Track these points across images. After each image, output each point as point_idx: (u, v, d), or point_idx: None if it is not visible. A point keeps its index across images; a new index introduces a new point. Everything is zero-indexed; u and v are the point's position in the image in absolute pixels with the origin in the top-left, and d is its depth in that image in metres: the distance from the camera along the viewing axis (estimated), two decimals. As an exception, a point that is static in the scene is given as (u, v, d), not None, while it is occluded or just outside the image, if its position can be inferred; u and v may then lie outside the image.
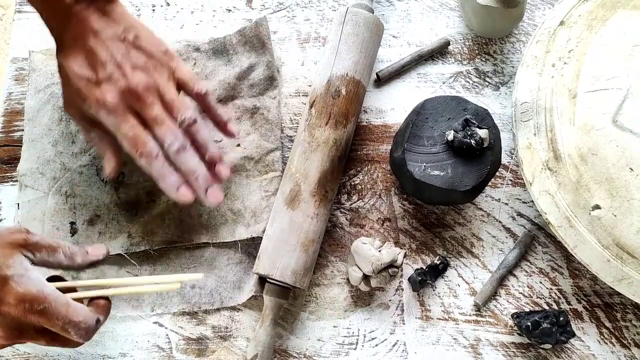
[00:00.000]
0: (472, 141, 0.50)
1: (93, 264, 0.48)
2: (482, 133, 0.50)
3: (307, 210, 0.51)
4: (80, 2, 0.45)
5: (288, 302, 0.52)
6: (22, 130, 0.58)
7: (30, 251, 0.42)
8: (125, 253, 0.54)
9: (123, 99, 0.45)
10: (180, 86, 0.49)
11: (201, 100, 0.50)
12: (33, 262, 0.42)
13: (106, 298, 0.46)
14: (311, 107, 0.54)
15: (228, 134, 0.52)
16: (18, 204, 0.55)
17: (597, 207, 0.49)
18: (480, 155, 0.51)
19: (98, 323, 0.43)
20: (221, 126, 0.52)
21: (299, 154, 0.53)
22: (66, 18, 0.46)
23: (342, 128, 0.54)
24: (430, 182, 0.50)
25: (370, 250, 0.51)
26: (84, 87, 0.45)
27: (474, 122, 0.51)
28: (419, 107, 0.53)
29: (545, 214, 0.51)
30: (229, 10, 0.63)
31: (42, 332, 0.42)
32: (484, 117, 0.52)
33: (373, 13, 0.57)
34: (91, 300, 0.45)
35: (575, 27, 0.54)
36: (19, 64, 0.61)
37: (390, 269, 0.51)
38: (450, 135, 0.50)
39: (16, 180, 0.57)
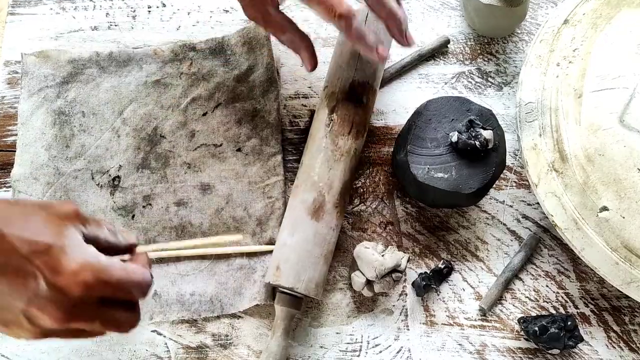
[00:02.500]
0: (477, 142, 0.49)
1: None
2: (487, 134, 0.49)
3: (330, 222, 0.50)
4: None
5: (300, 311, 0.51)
6: (16, 134, 0.56)
7: (82, 224, 0.39)
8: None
9: None
10: None
11: None
12: (84, 237, 0.40)
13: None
14: (332, 112, 0.52)
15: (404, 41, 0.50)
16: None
17: (604, 208, 0.48)
18: (484, 156, 0.50)
19: (152, 277, 0.40)
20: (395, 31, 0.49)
21: (322, 161, 0.51)
22: None
23: (361, 138, 0.53)
24: (434, 185, 0.49)
25: (374, 255, 0.50)
26: None
27: (478, 123, 0.50)
28: (422, 108, 0.52)
29: (552, 216, 0.50)
30: (226, 11, 0.62)
31: (100, 310, 0.37)
32: (488, 118, 0.51)
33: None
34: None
35: (580, 25, 0.53)
36: (11, 67, 0.59)
37: (393, 273, 0.50)
38: (454, 137, 0.49)
39: (10, 186, 0.55)
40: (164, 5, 0.62)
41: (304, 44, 0.52)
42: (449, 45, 0.60)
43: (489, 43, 0.61)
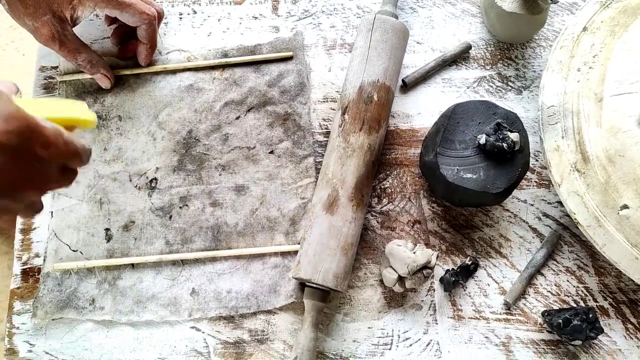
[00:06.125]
0: (504, 145, 0.51)
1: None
2: (514, 136, 0.51)
3: (345, 215, 0.52)
4: None
5: (327, 305, 0.53)
6: (54, 138, 0.58)
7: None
8: (162, 259, 0.54)
9: None
10: None
11: None
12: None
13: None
14: (344, 113, 0.55)
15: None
16: (52, 212, 0.56)
17: (625, 206, 0.50)
18: (511, 158, 0.52)
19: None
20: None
21: (335, 159, 0.54)
22: None
23: (375, 133, 0.55)
24: (463, 185, 0.51)
25: (406, 252, 0.52)
26: None
27: (505, 125, 0.52)
28: (450, 112, 0.54)
29: (574, 214, 0.52)
30: (256, 18, 0.64)
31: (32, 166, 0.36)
32: (513, 121, 0.53)
33: (397, 19, 0.59)
34: None
35: (598, 32, 0.56)
36: (47, 73, 0.61)
37: (424, 270, 0.52)
38: (482, 139, 0.52)
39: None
40: (195, 12, 0.64)
41: (102, 62, 0.58)
42: (470, 51, 0.63)
43: (508, 49, 0.63)
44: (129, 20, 0.56)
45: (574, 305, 0.56)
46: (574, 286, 0.56)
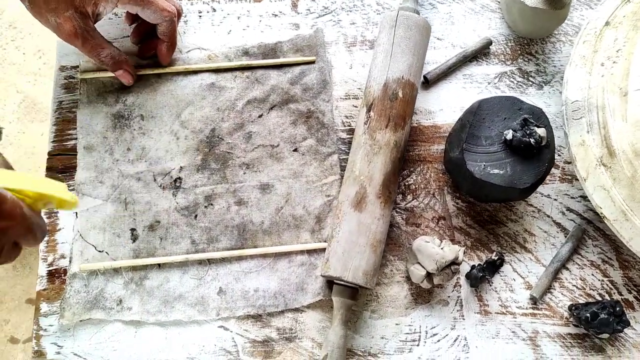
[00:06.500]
0: (532, 140, 0.51)
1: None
2: (541, 132, 0.51)
3: (374, 212, 0.52)
4: None
5: (356, 302, 0.53)
6: (76, 139, 0.58)
7: None
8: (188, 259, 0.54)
9: None
10: None
11: None
12: None
13: None
14: (369, 110, 0.55)
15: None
16: (76, 213, 0.55)
17: (652, 200, 0.51)
18: (537, 153, 0.52)
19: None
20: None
21: (362, 156, 0.54)
22: None
23: (401, 130, 0.55)
24: (491, 181, 0.52)
25: (434, 248, 0.52)
26: None
27: (532, 121, 0.52)
28: (475, 108, 0.54)
29: (600, 208, 0.53)
30: (275, 15, 0.64)
31: None
32: (539, 116, 0.53)
33: (419, 15, 0.59)
34: None
35: (621, 27, 0.56)
36: (67, 72, 0.60)
37: (452, 266, 0.52)
38: (509, 135, 0.52)
39: (72, 189, 0.56)
40: (214, 10, 0.64)
41: (124, 58, 0.57)
42: (490, 47, 0.63)
43: (528, 44, 0.64)
44: (149, 18, 0.55)
45: (599, 298, 0.56)
46: (599, 280, 0.57)
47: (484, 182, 0.52)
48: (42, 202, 0.37)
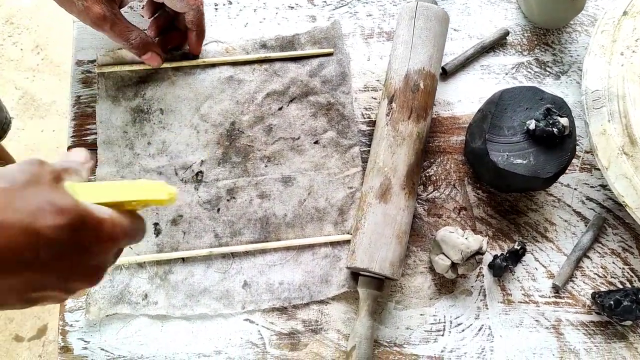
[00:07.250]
0: (555, 129, 0.51)
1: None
2: (564, 121, 0.52)
3: (398, 203, 0.52)
4: None
5: (381, 293, 0.53)
6: (95, 133, 0.57)
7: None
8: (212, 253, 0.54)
9: None
10: None
11: None
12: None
13: None
14: (391, 101, 0.55)
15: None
16: (98, 208, 0.55)
17: (674, 188, 0.51)
18: (559, 142, 0.53)
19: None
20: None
21: (385, 148, 0.54)
22: None
23: (423, 121, 0.55)
24: (514, 171, 0.52)
25: (459, 238, 0.52)
26: None
27: (555, 110, 0.53)
28: (497, 98, 0.55)
29: (622, 197, 0.53)
30: (292, 8, 0.63)
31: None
32: (561, 106, 0.54)
33: (437, 6, 0.59)
34: None
35: (639, 16, 0.56)
36: (84, 67, 0.60)
37: (476, 255, 0.53)
38: (531, 125, 0.52)
39: (93, 184, 0.56)
40: (230, 3, 0.63)
41: (152, 40, 0.56)
42: (507, 37, 0.63)
43: (544, 34, 0.64)
44: (176, 6, 0.55)
45: (621, 286, 0.57)
46: (620, 268, 0.57)
47: (507, 172, 0.52)
48: (141, 206, 0.36)
